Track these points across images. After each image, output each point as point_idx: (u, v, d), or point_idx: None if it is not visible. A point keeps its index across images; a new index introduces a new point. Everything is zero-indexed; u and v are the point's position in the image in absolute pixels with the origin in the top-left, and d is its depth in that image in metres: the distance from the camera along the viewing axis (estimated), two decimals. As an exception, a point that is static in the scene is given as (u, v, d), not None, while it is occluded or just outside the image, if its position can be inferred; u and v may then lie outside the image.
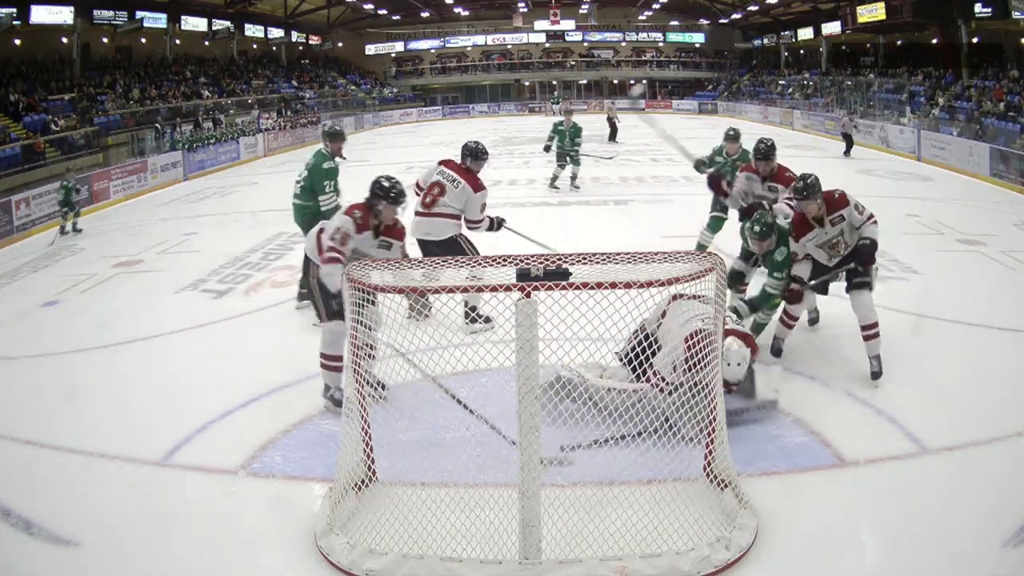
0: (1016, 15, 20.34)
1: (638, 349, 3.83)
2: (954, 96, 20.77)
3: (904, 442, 3.80)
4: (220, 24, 28.93)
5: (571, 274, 2.84)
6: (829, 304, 6.14)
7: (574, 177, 12.17)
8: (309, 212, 6.04)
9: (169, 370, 5.21)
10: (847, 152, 17.20)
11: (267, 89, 30.51)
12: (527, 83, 41.21)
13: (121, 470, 3.80)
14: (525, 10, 38.18)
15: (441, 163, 5.74)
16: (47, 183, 13.29)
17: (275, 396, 4.57)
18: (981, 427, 3.90)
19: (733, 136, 6.94)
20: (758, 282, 5.00)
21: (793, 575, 2.91)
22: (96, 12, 22.91)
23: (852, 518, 3.22)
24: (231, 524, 3.31)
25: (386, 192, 4.17)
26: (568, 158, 12.02)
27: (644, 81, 38.03)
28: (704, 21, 38.90)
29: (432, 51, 41.06)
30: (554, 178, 12.25)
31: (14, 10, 19.75)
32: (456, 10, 37.91)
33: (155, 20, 25.33)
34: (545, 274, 2.79)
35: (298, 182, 6.20)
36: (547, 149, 12.25)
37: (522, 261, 2.99)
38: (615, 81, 40.40)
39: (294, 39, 35.26)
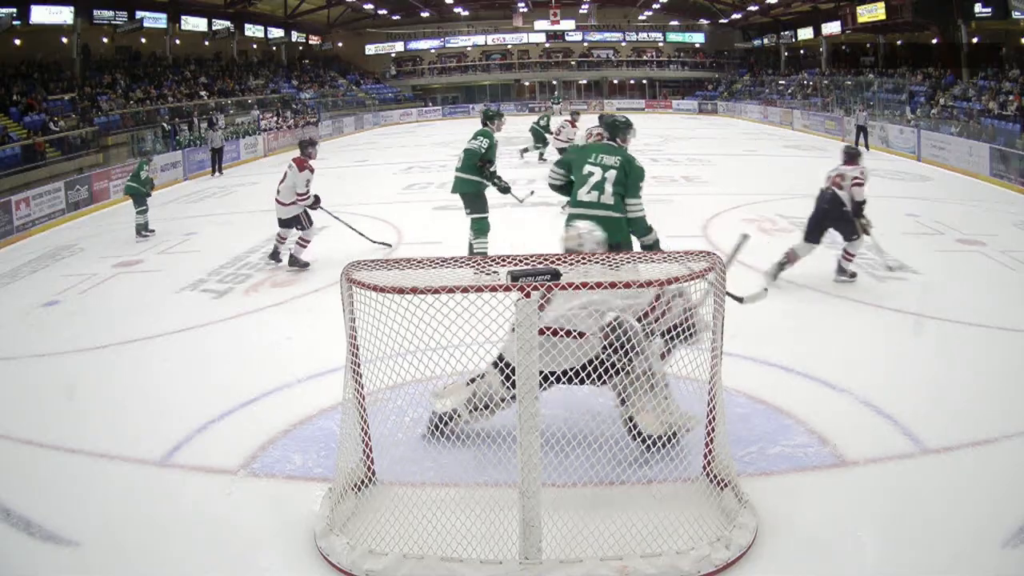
0: (1016, 15, 20.37)
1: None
2: (954, 96, 20.78)
3: (904, 442, 3.80)
4: (220, 24, 28.96)
5: (562, 274, 2.84)
6: (829, 302, 6.17)
7: None
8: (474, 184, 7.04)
9: (169, 370, 5.21)
10: (866, 146, 17.76)
11: (267, 89, 30.52)
12: (527, 83, 41.23)
13: (121, 470, 3.80)
14: (525, 10, 38.20)
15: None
16: (47, 183, 13.31)
17: (275, 396, 4.57)
18: (981, 427, 3.90)
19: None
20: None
21: (793, 575, 2.91)
22: (96, 12, 22.95)
23: (852, 518, 3.22)
24: (231, 524, 3.30)
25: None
26: None
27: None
28: (704, 21, 38.94)
29: (432, 51, 41.10)
30: None
31: (14, 10, 19.79)
32: (456, 10, 37.94)
33: (155, 20, 25.38)
34: (536, 274, 2.79)
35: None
36: None
37: (518, 261, 2.99)
38: (615, 81, 40.43)
39: (294, 39, 35.30)
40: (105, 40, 24.70)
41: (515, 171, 14.39)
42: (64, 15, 21.50)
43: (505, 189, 7.33)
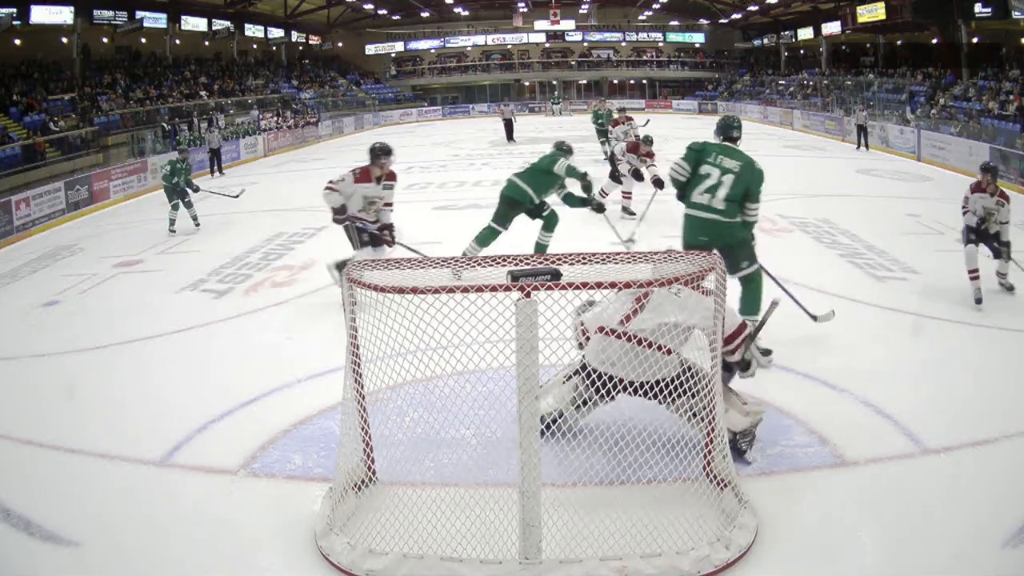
0: (1016, 15, 20.36)
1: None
2: (954, 96, 20.78)
3: (904, 442, 3.80)
4: (220, 24, 28.95)
5: (562, 274, 2.84)
6: (829, 302, 6.15)
7: None
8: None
9: (169, 370, 5.21)
10: (866, 146, 18.08)
11: (267, 89, 30.52)
12: (527, 83, 41.22)
13: (121, 470, 3.80)
14: (525, 10, 38.19)
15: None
16: (47, 183, 13.31)
17: (275, 396, 4.57)
18: (981, 427, 3.90)
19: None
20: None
21: (793, 575, 2.91)
22: (96, 12, 22.94)
23: (852, 518, 3.22)
24: (231, 524, 3.31)
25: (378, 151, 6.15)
26: None
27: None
28: (704, 21, 38.92)
29: (432, 51, 41.08)
30: None
31: (14, 10, 19.78)
32: (456, 10, 37.94)
33: (155, 20, 25.36)
34: (536, 274, 2.80)
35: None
36: None
37: (519, 261, 2.99)
38: (615, 81, 40.42)
39: (294, 39, 35.28)
40: (105, 40, 24.68)
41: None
42: (64, 15, 21.49)
43: (599, 207, 7.10)
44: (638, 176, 9.65)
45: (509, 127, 21.94)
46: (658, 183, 8.85)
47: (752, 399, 3.93)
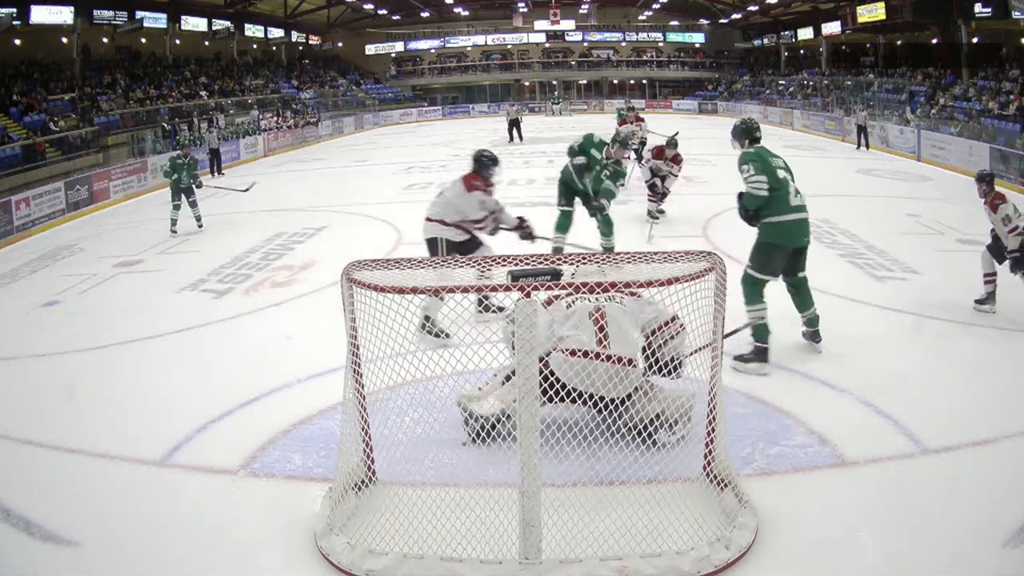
0: (1016, 15, 20.37)
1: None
2: (954, 96, 20.78)
3: (904, 442, 3.80)
4: (220, 24, 28.96)
5: (563, 274, 2.85)
6: (829, 302, 6.16)
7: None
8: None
9: (169, 370, 5.21)
10: (866, 145, 18.09)
11: (267, 89, 30.52)
12: (527, 83, 41.23)
13: (121, 470, 3.80)
14: (525, 10, 38.20)
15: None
16: (47, 183, 13.32)
17: (274, 396, 4.57)
18: (981, 427, 3.90)
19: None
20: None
21: (793, 575, 2.91)
22: (96, 12, 22.95)
23: (852, 518, 3.22)
24: (231, 524, 3.31)
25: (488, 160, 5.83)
26: None
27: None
28: (704, 21, 38.94)
29: (432, 51, 41.10)
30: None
31: (14, 10, 19.80)
32: (456, 10, 37.96)
33: (155, 20, 25.37)
34: (536, 274, 2.80)
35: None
36: None
37: (519, 261, 2.99)
38: (615, 81, 40.42)
39: (294, 39, 35.30)
40: (105, 40, 24.69)
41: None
42: (64, 15, 21.50)
43: (597, 208, 7.14)
44: (654, 189, 9.53)
45: (516, 128, 22.04)
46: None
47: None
